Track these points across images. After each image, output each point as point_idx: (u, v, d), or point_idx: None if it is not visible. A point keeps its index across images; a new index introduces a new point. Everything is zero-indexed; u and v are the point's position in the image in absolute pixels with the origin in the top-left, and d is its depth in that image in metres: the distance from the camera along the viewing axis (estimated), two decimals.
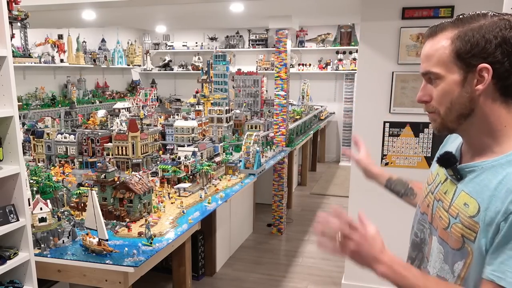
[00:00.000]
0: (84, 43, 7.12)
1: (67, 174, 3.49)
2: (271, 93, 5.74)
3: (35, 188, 2.69)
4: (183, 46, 8.97)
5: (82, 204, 2.77)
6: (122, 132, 3.72)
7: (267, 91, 6.47)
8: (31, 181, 2.71)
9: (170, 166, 3.37)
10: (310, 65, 8.57)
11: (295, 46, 8.43)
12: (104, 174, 2.69)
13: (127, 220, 2.61)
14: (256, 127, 4.98)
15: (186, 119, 4.56)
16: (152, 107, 5.73)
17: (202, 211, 2.87)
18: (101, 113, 5.59)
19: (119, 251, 2.20)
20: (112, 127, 4.36)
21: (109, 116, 5.37)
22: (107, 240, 2.20)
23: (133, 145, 3.64)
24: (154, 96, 6.04)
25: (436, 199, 1.16)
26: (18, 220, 1.94)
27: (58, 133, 3.97)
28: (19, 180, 1.94)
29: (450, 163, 1.11)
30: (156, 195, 3.09)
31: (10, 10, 2.70)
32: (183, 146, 4.02)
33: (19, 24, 3.19)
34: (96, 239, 2.22)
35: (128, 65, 8.37)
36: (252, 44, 8.60)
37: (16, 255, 1.96)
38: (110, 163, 3.08)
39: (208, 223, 3.93)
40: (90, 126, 4.99)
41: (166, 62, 9.14)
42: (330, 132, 8.93)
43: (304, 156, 7.08)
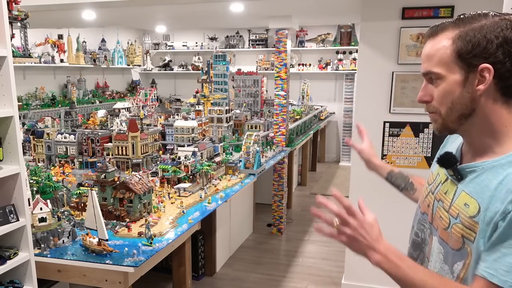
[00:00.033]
0: (84, 43, 7.11)
1: (67, 174, 3.49)
2: (271, 93, 5.73)
3: (35, 188, 2.69)
4: (183, 46, 8.96)
5: (82, 204, 2.77)
6: (122, 132, 3.72)
7: (267, 91, 6.47)
8: (31, 181, 2.71)
9: (170, 166, 3.37)
10: (310, 65, 8.57)
11: (295, 46, 8.43)
12: (104, 174, 2.69)
13: (127, 220, 2.61)
14: (256, 127, 4.98)
15: (186, 119, 4.56)
16: (152, 107, 5.73)
17: (202, 211, 2.87)
18: (101, 113, 5.59)
19: (119, 251, 2.20)
20: (112, 127, 4.36)
21: (109, 116, 5.36)
22: (107, 240, 2.20)
23: (133, 145, 3.64)
24: (154, 96, 6.04)
25: (436, 199, 1.16)
26: (18, 220, 1.94)
27: (58, 133, 3.97)
28: (19, 180, 1.94)
29: (450, 163, 1.11)
30: (156, 195, 3.09)
31: (10, 10, 2.70)
32: (183, 146, 4.02)
33: (19, 24, 3.18)
34: (96, 239, 2.22)
35: (128, 65, 8.37)
36: (252, 44, 8.60)
37: (16, 255, 1.96)
38: (110, 163, 3.08)
39: (208, 223, 3.92)
40: (90, 126, 4.99)
41: (166, 62, 9.14)
42: (330, 132, 8.93)
43: (304, 156, 7.08)
